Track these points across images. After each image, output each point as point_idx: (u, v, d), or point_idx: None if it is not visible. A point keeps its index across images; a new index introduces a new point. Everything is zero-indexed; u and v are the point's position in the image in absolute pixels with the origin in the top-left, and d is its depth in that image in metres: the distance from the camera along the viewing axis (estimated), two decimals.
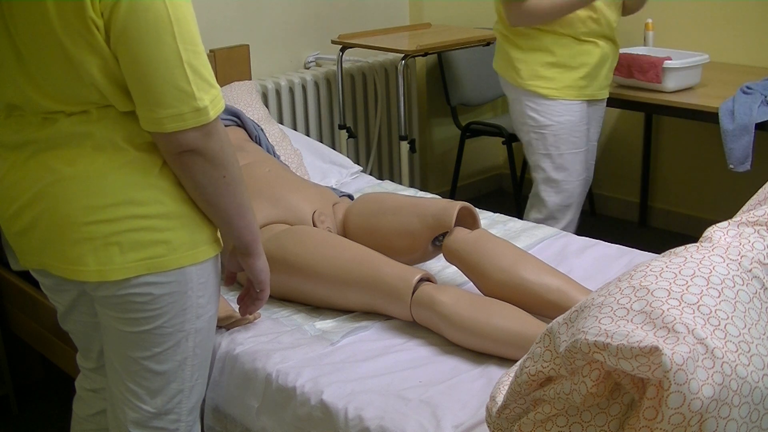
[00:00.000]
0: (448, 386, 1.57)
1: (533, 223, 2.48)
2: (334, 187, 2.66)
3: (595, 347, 0.99)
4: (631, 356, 0.96)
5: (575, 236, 2.28)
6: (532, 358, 1.12)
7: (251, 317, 1.83)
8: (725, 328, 0.99)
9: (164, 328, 1.39)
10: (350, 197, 2.30)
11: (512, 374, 1.31)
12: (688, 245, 1.17)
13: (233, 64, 3.08)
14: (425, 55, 3.34)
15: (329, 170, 2.87)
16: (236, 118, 2.45)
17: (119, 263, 1.32)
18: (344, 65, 3.43)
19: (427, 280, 1.79)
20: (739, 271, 1.10)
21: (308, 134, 3.40)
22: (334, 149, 3.14)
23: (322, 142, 3.38)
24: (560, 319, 1.11)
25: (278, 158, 2.48)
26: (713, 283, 1.05)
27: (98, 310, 1.43)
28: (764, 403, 0.98)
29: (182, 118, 1.25)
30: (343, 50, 3.37)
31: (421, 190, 3.13)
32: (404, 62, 3.20)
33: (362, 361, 1.67)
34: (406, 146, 3.37)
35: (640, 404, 0.99)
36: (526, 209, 2.85)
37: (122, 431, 1.50)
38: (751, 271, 1.11)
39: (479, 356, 1.67)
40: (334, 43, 3.38)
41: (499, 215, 2.47)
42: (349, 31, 3.50)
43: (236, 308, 1.69)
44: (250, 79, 3.14)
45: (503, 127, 3.54)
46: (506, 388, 1.25)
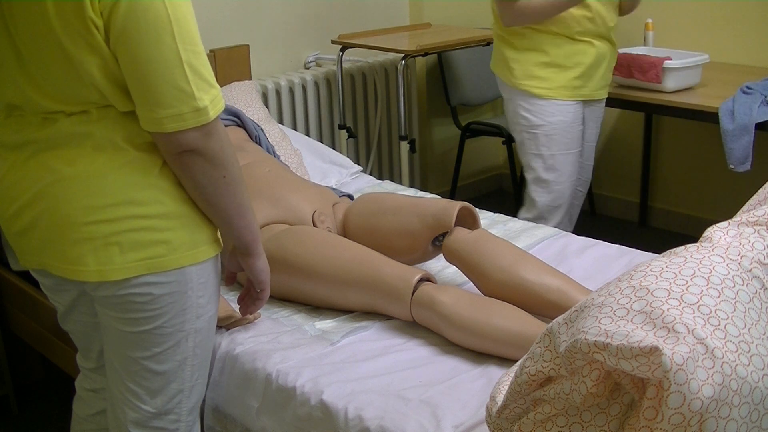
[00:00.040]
0: (448, 386, 1.56)
1: (533, 223, 2.48)
2: (334, 187, 2.66)
3: (595, 347, 0.99)
4: (631, 356, 0.96)
5: (575, 236, 2.28)
6: (532, 358, 1.12)
7: (251, 317, 1.83)
8: (725, 328, 0.99)
9: (164, 328, 1.39)
10: (350, 197, 2.30)
11: (512, 374, 1.31)
12: (688, 245, 1.17)
13: (233, 64, 3.08)
14: (425, 55, 3.34)
15: (329, 170, 2.87)
16: (236, 118, 2.45)
17: (119, 263, 1.32)
18: (344, 65, 3.43)
19: (427, 280, 1.79)
20: (739, 271, 1.09)
21: (308, 134, 3.40)
22: (334, 149, 3.14)
23: (322, 142, 3.38)
24: (560, 319, 1.11)
25: (278, 158, 2.48)
26: (713, 283, 1.05)
27: (98, 310, 1.43)
28: (764, 403, 0.98)
29: (182, 118, 1.25)
30: (343, 50, 3.37)
31: (421, 190, 3.12)
32: (404, 62, 3.20)
33: (362, 361, 1.67)
34: (406, 146, 3.37)
35: (640, 404, 0.99)
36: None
37: (122, 431, 1.50)
38: (751, 271, 1.11)
39: (479, 356, 1.67)
40: (334, 43, 3.38)
41: (499, 215, 2.47)
42: (349, 31, 3.50)
43: (236, 308, 1.69)
44: (250, 79, 3.14)
45: (503, 127, 3.54)
46: (506, 388, 1.25)
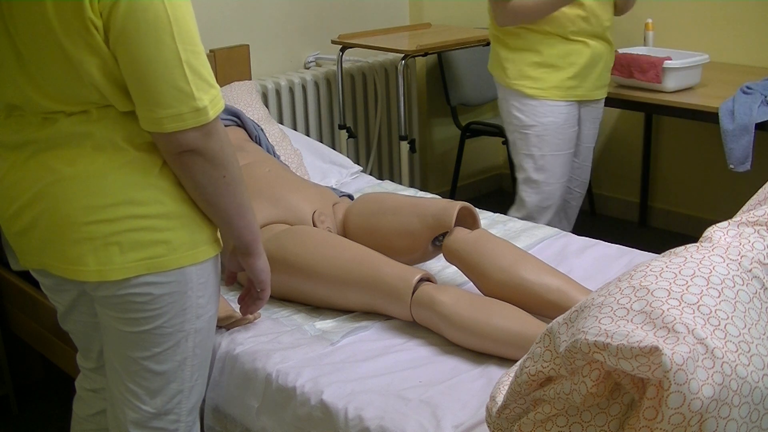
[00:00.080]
0: (448, 386, 1.56)
1: (533, 223, 2.48)
2: (334, 187, 2.66)
3: (595, 347, 0.99)
4: (631, 356, 0.96)
5: (575, 236, 2.28)
6: (532, 358, 1.12)
7: (251, 317, 1.83)
8: (725, 328, 0.99)
9: (164, 328, 1.39)
10: (350, 197, 2.30)
11: (512, 374, 1.31)
12: (688, 245, 1.17)
13: (233, 64, 3.08)
14: (425, 55, 3.34)
15: (329, 170, 2.87)
16: (236, 118, 2.45)
17: (119, 263, 1.32)
18: (344, 65, 3.43)
19: (427, 280, 1.79)
20: (739, 271, 1.09)
21: (308, 134, 3.40)
22: (334, 149, 3.14)
23: (322, 142, 3.38)
24: (560, 319, 1.11)
25: (278, 158, 2.48)
26: (713, 283, 1.05)
27: (98, 310, 1.43)
28: (764, 403, 0.98)
29: (182, 118, 1.25)
30: (343, 50, 3.37)
31: (421, 190, 3.12)
32: (404, 62, 3.20)
33: (362, 361, 1.67)
34: (406, 146, 3.37)
35: (640, 404, 0.99)
36: None
37: (122, 431, 1.50)
38: (751, 271, 1.11)
39: (479, 356, 1.67)
40: (334, 43, 3.38)
41: (499, 215, 2.47)
42: (349, 31, 3.50)
43: (236, 308, 1.69)
44: (250, 79, 3.14)
45: (503, 127, 3.53)
46: (506, 388, 1.25)
